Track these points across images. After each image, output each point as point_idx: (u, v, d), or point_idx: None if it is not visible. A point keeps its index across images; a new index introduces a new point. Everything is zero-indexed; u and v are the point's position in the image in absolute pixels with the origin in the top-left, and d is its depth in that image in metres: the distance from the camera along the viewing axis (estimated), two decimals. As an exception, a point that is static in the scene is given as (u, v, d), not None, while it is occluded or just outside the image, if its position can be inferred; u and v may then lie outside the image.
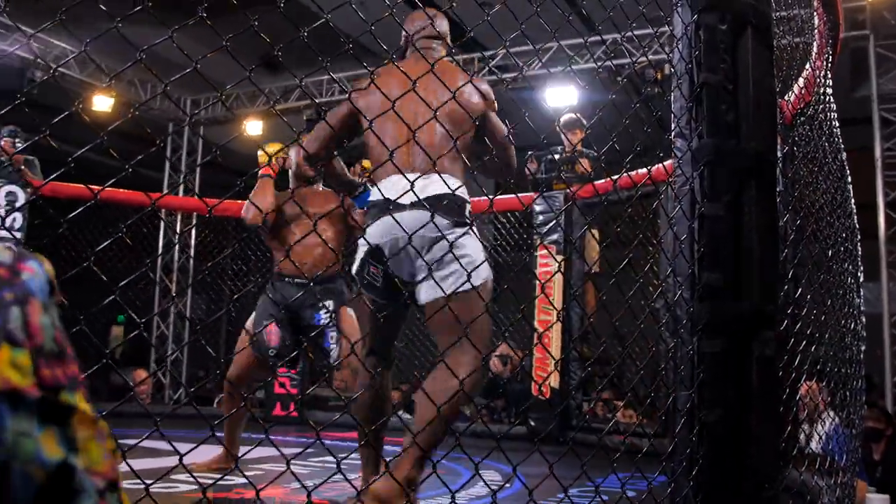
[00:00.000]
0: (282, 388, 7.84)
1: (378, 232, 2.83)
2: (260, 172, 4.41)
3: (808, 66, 4.08)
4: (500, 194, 7.35)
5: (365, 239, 2.83)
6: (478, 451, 1.85)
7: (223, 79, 8.45)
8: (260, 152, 4.92)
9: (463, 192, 2.76)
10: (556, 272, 2.50)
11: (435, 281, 2.71)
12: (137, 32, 4.97)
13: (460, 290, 2.68)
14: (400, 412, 8.14)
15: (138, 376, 8.29)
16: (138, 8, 1.28)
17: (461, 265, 2.56)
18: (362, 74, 9.54)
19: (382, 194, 2.82)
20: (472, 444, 1.80)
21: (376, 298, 2.92)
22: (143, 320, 2.12)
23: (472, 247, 2.74)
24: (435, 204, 2.71)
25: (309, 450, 4.74)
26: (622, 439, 3.29)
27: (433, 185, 2.72)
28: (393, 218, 2.57)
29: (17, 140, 6.71)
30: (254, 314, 4.40)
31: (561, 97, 8.85)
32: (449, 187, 2.54)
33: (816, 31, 4.25)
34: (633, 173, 5.01)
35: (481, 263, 2.69)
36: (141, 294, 9.13)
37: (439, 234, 2.68)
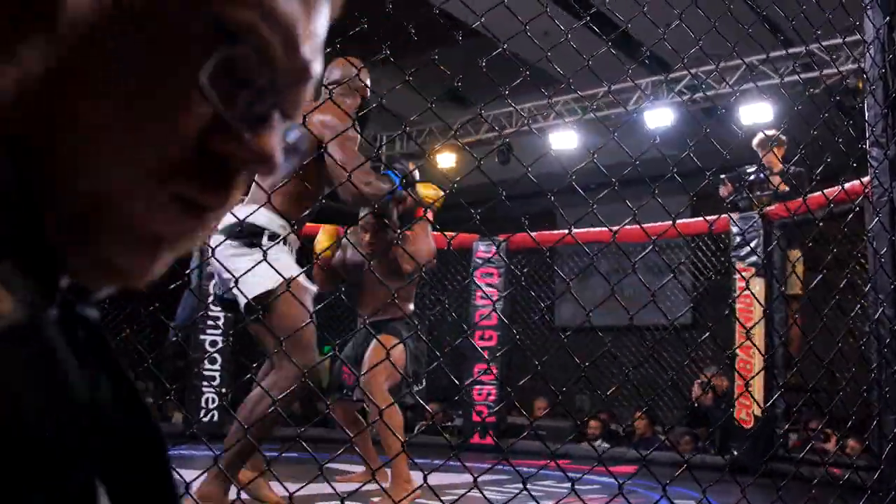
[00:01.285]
0: (479, 417, 7.94)
1: None
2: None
3: None
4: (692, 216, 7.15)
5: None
6: (675, 479, 1.83)
7: (413, 114, 8.70)
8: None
9: (260, 220, 3.09)
10: (744, 289, 2.42)
11: (227, 297, 3.28)
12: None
13: (241, 305, 3.13)
14: (598, 442, 8.07)
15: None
16: (328, 50, 1.38)
17: (235, 281, 2.79)
18: (544, 105, 9.61)
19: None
20: (669, 473, 1.79)
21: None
22: (350, 335, 2.23)
23: (245, 266, 2.84)
24: (229, 230, 3.11)
25: (503, 476, 4.78)
26: (831, 470, 3.13)
27: (242, 212, 3.01)
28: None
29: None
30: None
31: (755, 114, 8.55)
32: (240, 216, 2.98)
33: None
34: (841, 187, 4.76)
35: (268, 279, 2.91)
36: (338, 327, 9.38)
37: (226, 255, 3.11)
